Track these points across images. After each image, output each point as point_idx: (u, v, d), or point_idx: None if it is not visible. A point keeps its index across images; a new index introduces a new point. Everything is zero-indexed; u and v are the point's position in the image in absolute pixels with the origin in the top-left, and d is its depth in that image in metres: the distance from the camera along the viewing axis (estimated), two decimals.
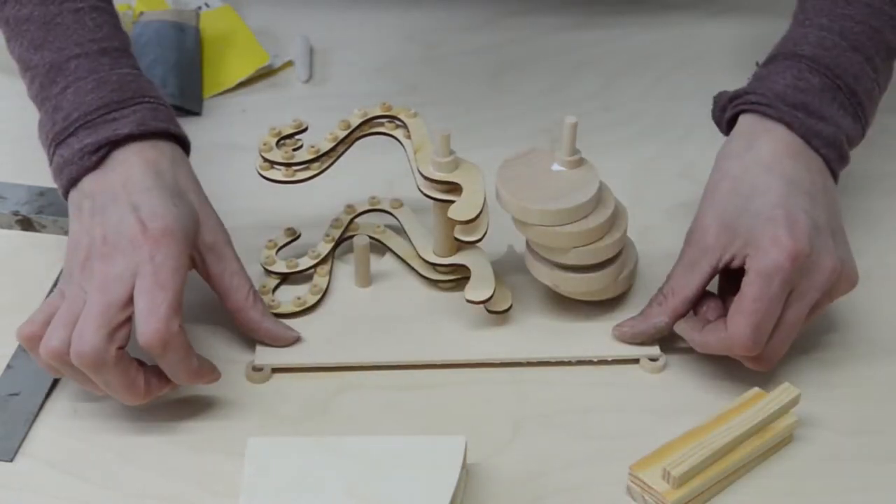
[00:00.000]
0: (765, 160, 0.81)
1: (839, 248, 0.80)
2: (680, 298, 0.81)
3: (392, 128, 0.87)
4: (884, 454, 0.78)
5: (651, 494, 0.74)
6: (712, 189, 0.82)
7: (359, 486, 0.72)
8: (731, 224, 0.79)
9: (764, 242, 0.77)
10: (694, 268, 0.81)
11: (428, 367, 0.83)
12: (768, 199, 0.79)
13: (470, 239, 0.83)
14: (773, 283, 0.76)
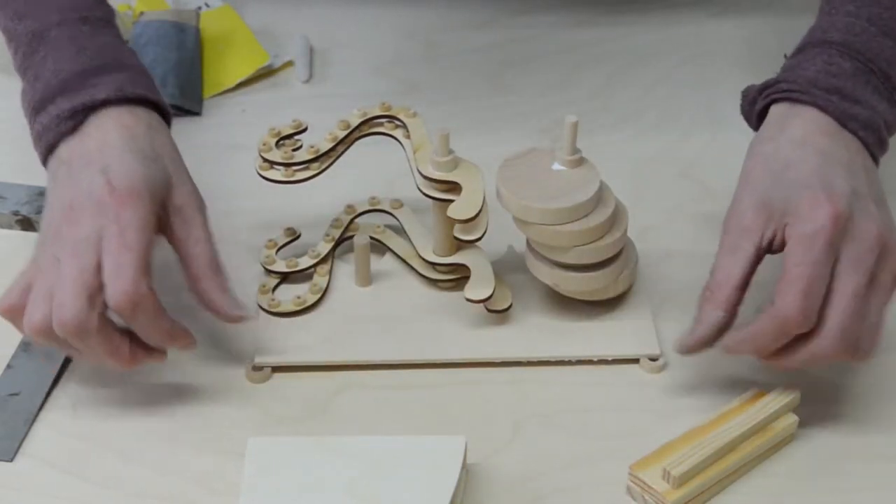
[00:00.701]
0: (797, 138, 0.78)
1: (884, 217, 0.76)
2: (729, 288, 0.77)
3: (391, 128, 0.87)
4: (884, 454, 0.78)
5: (651, 494, 0.74)
6: (746, 173, 0.79)
7: (359, 486, 0.72)
8: (766, 201, 0.76)
9: (802, 208, 0.74)
10: (736, 252, 0.77)
11: (428, 366, 0.83)
12: (803, 169, 0.76)
13: (469, 238, 0.83)
14: (816, 246, 0.73)
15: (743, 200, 0.78)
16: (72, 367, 0.83)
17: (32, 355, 0.83)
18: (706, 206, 0.95)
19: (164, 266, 0.90)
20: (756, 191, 0.77)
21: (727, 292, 0.77)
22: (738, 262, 0.76)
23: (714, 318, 0.77)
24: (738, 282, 0.76)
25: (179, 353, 0.84)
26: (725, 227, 0.79)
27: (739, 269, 0.76)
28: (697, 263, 0.89)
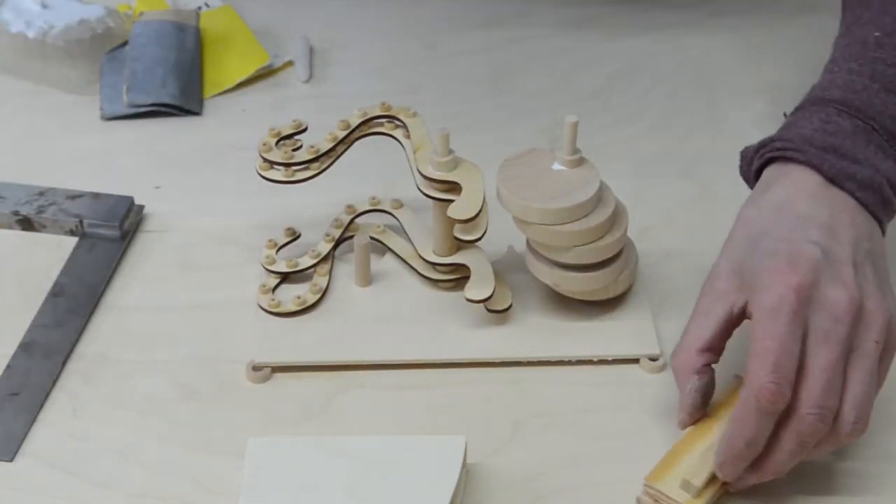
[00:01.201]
0: (777, 201, 0.76)
1: (862, 280, 0.72)
2: (693, 351, 0.74)
3: (391, 128, 0.87)
4: (884, 454, 0.78)
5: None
6: (729, 238, 0.77)
7: (359, 486, 0.72)
8: (739, 268, 0.75)
9: (764, 278, 0.72)
10: (707, 316, 0.74)
11: (428, 366, 0.83)
12: (775, 235, 0.74)
13: (469, 238, 0.82)
14: (780, 318, 0.70)
15: (720, 264, 0.76)
16: (72, 367, 0.83)
17: (32, 355, 0.83)
18: (706, 206, 0.95)
19: (164, 265, 0.91)
20: (732, 257, 0.76)
21: (692, 356, 0.74)
22: (707, 326, 0.74)
23: (690, 385, 0.75)
24: (703, 345, 0.74)
25: (181, 350, 0.84)
26: (702, 289, 0.77)
27: (707, 333, 0.74)
28: (697, 263, 0.89)
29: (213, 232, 0.93)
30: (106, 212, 0.92)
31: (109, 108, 1.04)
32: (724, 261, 0.76)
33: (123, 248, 0.91)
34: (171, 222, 0.94)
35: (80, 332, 0.85)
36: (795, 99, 0.84)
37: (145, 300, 0.88)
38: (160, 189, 0.97)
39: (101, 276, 0.89)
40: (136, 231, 0.93)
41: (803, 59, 1.09)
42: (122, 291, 0.88)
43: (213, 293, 0.88)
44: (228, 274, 0.89)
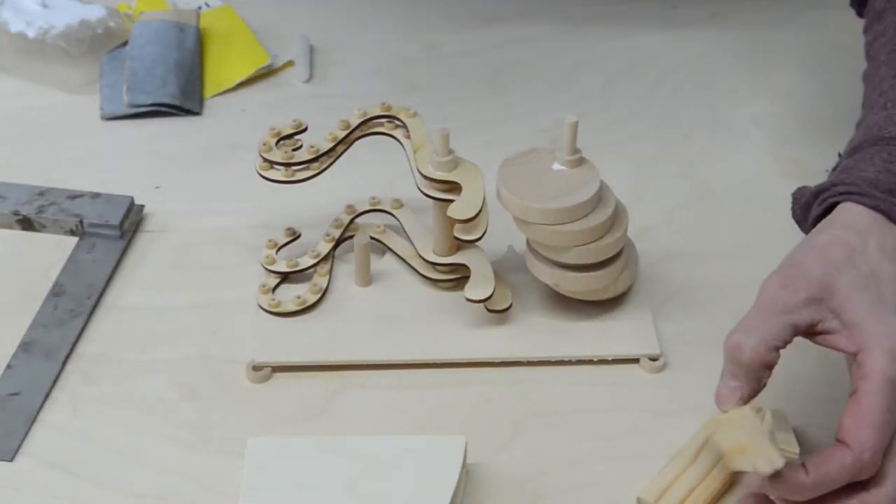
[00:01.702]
0: (887, 247, 0.70)
1: None
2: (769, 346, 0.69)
3: (391, 128, 0.87)
4: None
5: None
6: (823, 245, 0.70)
7: (359, 486, 0.72)
8: (841, 292, 0.68)
9: (891, 338, 0.66)
10: (791, 315, 0.69)
11: (428, 366, 0.83)
12: (891, 294, 0.68)
13: (469, 238, 0.83)
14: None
15: (813, 268, 0.69)
16: (72, 367, 0.83)
17: (32, 355, 0.83)
18: (706, 206, 0.95)
19: (164, 265, 0.91)
20: (832, 270, 0.69)
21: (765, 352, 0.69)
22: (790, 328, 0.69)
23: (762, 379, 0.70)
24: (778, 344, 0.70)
25: (181, 350, 0.84)
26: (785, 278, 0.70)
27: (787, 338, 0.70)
28: (697, 263, 0.89)
29: (213, 232, 0.93)
30: (106, 212, 0.92)
31: (109, 107, 1.04)
32: (818, 266, 0.69)
33: (123, 248, 0.91)
34: (171, 222, 0.94)
35: (80, 332, 0.85)
36: (796, 99, 0.84)
37: (145, 300, 0.88)
38: (160, 189, 0.97)
39: (101, 276, 0.89)
40: (136, 231, 0.93)
41: (803, 59, 1.09)
42: (122, 291, 0.88)
43: (213, 293, 0.88)
44: (228, 274, 0.89)
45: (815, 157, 0.99)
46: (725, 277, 0.89)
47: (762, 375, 0.70)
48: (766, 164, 0.98)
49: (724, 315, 0.86)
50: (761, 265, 0.90)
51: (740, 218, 0.94)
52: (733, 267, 0.90)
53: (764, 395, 0.81)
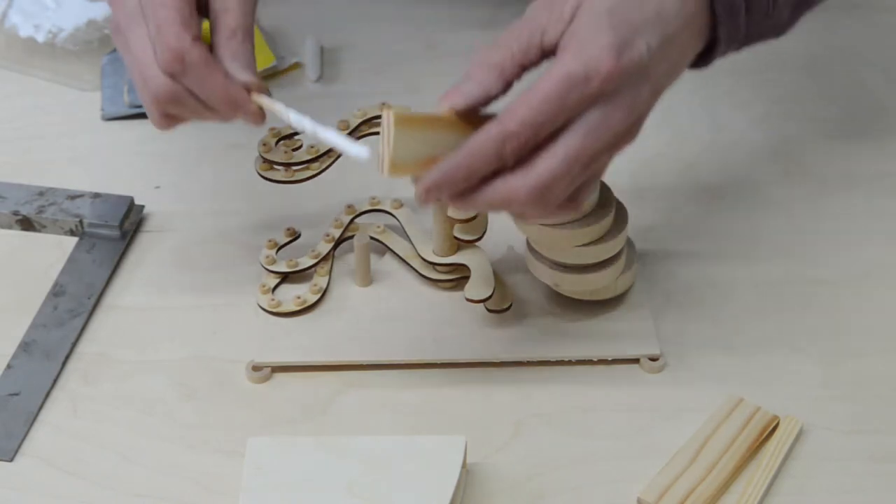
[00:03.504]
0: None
1: (647, 103, 0.72)
2: (520, 64, 0.71)
3: None
4: (884, 454, 0.78)
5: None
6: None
7: (359, 486, 0.72)
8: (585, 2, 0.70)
9: (590, 44, 0.69)
10: (545, 35, 0.71)
11: (428, 366, 0.83)
12: (629, 12, 0.70)
13: (469, 238, 0.83)
14: (574, 91, 0.68)
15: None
16: (72, 367, 0.83)
17: (32, 355, 0.83)
18: (706, 206, 0.95)
19: (164, 265, 0.91)
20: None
21: (518, 70, 0.71)
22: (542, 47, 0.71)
23: (494, 93, 0.71)
24: (531, 65, 0.71)
25: (181, 350, 0.84)
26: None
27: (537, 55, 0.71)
28: (697, 263, 0.89)
29: (213, 232, 0.93)
30: (106, 212, 0.92)
31: (110, 108, 1.04)
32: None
33: (123, 248, 0.91)
34: (171, 222, 0.94)
35: (80, 332, 0.85)
36: (795, 99, 0.84)
37: (145, 300, 0.88)
38: (160, 189, 0.97)
39: (101, 276, 0.89)
40: (136, 231, 0.93)
41: (803, 59, 1.09)
42: (122, 291, 0.88)
43: (213, 293, 0.88)
44: (228, 274, 0.89)
45: (815, 158, 0.99)
46: (725, 277, 0.89)
47: (496, 86, 0.71)
48: (766, 164, 0.98)
49: (724, 315, 0.86)
50: (761, 265, 0.90)
51: (740, 218, 0.94)
52: (733, 267, 0.90)
53: (764, 394, 0.81)
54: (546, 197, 0.70)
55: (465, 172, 0.69)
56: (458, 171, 0.69)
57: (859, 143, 1.00)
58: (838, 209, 0.95)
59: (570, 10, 0.71)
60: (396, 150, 0.70)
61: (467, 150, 0.69)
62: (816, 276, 0.89)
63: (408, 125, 0.70)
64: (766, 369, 0.83)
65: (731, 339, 0.85)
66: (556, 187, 0.70)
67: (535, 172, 0.69)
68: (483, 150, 0.69)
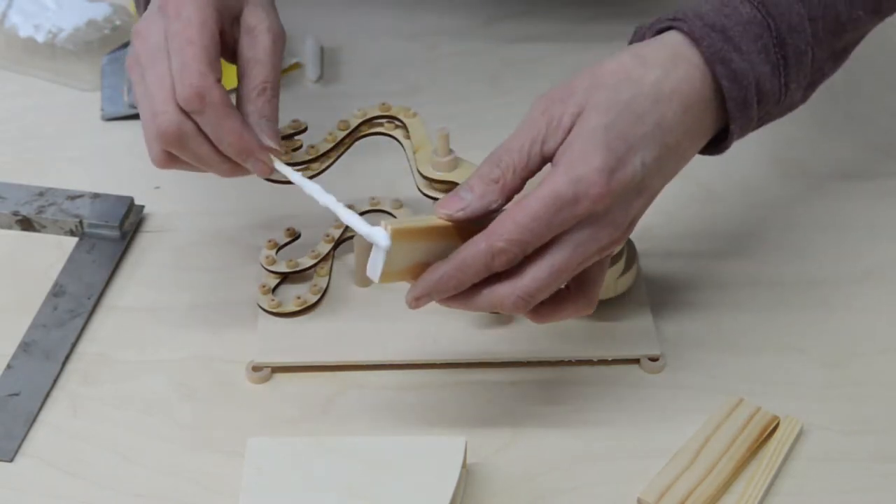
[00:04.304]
0: (663, 87, 0.72)
1: (639, 212, 0.73)
2: (521, 178, 0.72)
3: (391, 128, 0.87)
4: (884, 454, 0.78)
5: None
6: (602, 71, 0.72)
7: (359, 486, 0.72)
8: (587, 112, 0.71)
9: (578, 166, 0.69)
10: (544, 144, 0.71)
11: (428, 366, 0.83)
12: (627, 127, 0.70)
13: None
14: (562, 212, 0.69)
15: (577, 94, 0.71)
16: (72, 367, 0.83)
17: (32, 355, 0.83)
18: (706, 206, 0.95)
19: (164, 265, 0.91)
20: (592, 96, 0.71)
21: (518, 183, 0.72)
22: (541, 157, 0.72)
23: (494, 206, 0.72)
24: (531, 175, 0.72)
25: (181, 350, 0.84)
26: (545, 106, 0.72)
27: (537, 165, 0.72)
28: (697, 263, 0.89)
29: (213, 232, 0.93)
30: (106, 212, 0.92)
31: (110, 108, 1.04)
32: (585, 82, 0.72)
33: (123, 248, 0.91)
34: (171, 222, 0.94)
35: (80, 332, 0.85)
36: None
37: (145, 300, 0.88)
38: (160, 189, 0.97)
39: (101, 276, 0.89)
40: (136, 231, 0.93)
41: None
42: (122, 291, 0.88)
43: (213, 293, 0.88)
44: (228, 274, 0.89)
45: (815, 158, 0.99)
46: (725, 277, 0.89)
47: (496, 202, 0.72)
48: (766, 165, 0.98)
49: (724, 315, 0.86)
50: (761, 265, 0.90)
51: (740, 218, 0.94)
52: (733, 267, 0.90)
53: (764, 395, 0.81)
54: (532, 302, 0.72)
55: (454, 283, 0.71)
56: (448, 281, 0.71)
57: (859, 143, 1.01)
58: (838, 209, 0.95)
59: (570, 119, 0.71)
60: (388, 263, 0.72)
61: (457, 262, 0.71)
62: (816, 276, 0.89)
63: (403, 238, 0.71)
64: (766, 369, 0.83)
65: (730, 339, 0.85)
66: (542, 294, 0.72)
67: (521, 283, 0.71)
68: (472, 264, 0.70)
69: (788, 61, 0.75)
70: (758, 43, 0.74)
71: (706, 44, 0.73)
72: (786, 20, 0.74)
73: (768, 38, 0.74)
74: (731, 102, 0.73)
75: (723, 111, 0.74)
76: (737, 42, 0.73)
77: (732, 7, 0.74)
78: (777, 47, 0.74)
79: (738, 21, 0.74)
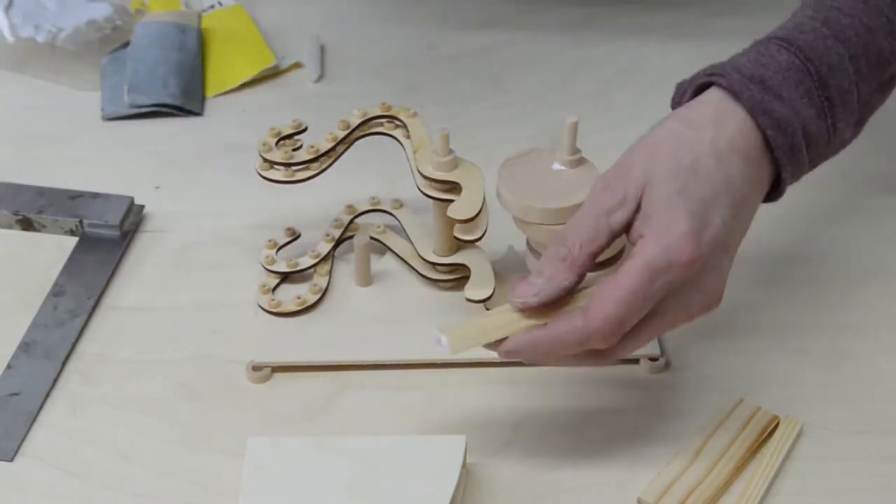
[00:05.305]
0: (719, 144, 0.72)
1: (727, 271, 0.73)
2: (588, 252, 0.71)
3: (391, 128, 0.87)
4: (884, 454, 0.78)
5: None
6: (654, 141, 0.73)
7: (359, 486, 0.72)
8: (654, 183, 0.71)
9: (669, 232, 0.69)
10: (609, 217, 0.71)
11: (428, 366, 0.83)
12: (699, 189, 0.70)
13: (469, 238, 0.82)
14: (655, 282, 0.68)
15: (637, 164, 0.72)
16: (72, 367, 0.83)
17: (32, 355, 0.83)
18: None
19: (164, 265, 0.91)
20: (653, 166, 0.71)
21: (584, 259, 0.71)
22: (608, 230, 0.71)
23: (566, 283, 0.71)
24: (599, 250, 0.71)
25: (181, 350, 0.84)
26: (606, 183, 0.72)
27: (605, 238, 0.71)
28: None
29: (213, 232, 0.93)
30: (106, 212, 0.92)
31: (110, 108, 1.04)
32: (642, 164, 0.72)
33: (123, 248, 0.91)
34: (171, 222, 0.94)
35: (80, 332, 0.85)
36: None
37: (145, 300, 0.88)
38: (160, 189, 0.97)
39: (101, 276, 0.89)
40: (136, 231, 0.93)
41: None
42: (122, 291, 0.88)
43: (213, 293, 0.88)
44: (228, 274, 0.89)
45: None
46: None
47: (567, 280, 0.71)
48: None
49: (724, 315, 0.86)
50: (761, 265, 0.90)
51: None
52: (733, 267, 0.89)
53: (764, 394, 0.81)
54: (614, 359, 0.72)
55: (543, 352, 0.71)
56: (538, 349, 0.71)
57: (859, 144, 1.00)
58: (838, 209, 0.95)
59: (634, 191, 0.71)
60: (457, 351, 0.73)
61: (551, 336, 0.71)
62: (816, 276, 0.89)
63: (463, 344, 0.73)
64: (766, 369, 0.83)
65: (731, 339, 0.85)
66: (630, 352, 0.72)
67: (612, 352, 0.71)
68: (566, 340, 0.70)
69: (833, 102, 0.75)
70: (800, 88, 0.74)
71: (746, 96, 0.73)
72: (825, 62, 0.74)
73: (810, 83, 0.74)
74: (779, 151, 0.73)
75: (775, 159, 0.74)
76: (777, 90, 0.73)
77: (770, 56, 0.74)
78: (820, 90, 0.74)
79: (777, 69, 0.74)
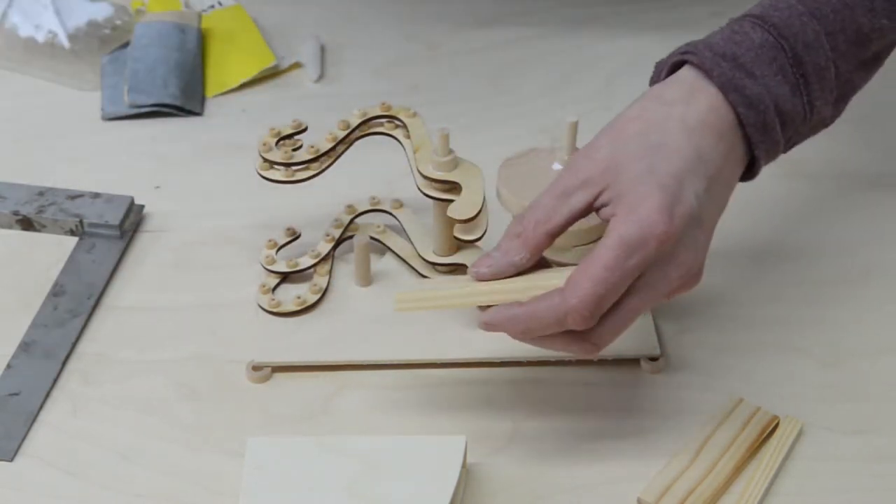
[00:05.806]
0: (689, 120, 0.72)
1: (703, 247, 0.73)
2: (543, 231, 0.72)
3: (391, 128, 0.87)
4: (884, 454, 0.78)
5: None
6: (624, 121, 0.74)
7: (359, 486, 0.72)
8: (622, 164, 0.71)
9: (639, 208, 0.69)
10: (568, 198, 0.72)
11: (428, 366, 0.83)
12: (669, 164, 0.70)
13: (469, 238, 0.82)
14: (631, 258, 0.69)
15: (603, 146, 0.72)
16: (72, 367, 0.83)
17: (32, 355, 0.83)
18: None
19: (164, 265, 0.91)
20: (619, 148, 0.72)
21: (539, 237, 0.72)
22: (564, 210, 0.72)
23: (518, 260, 0.73)
24: (556, 230, 0.73)
25: (181, 350, 0.84)
26: (571, 166, 0.73)
27: (562, 218, 0.72)
28: None
29: (213, 232, 0.93)
30: (106, 212, 0.92)
31: (110, 108, 1.04)
32: (607, 146, 0.72)
33: (123, 248, 0.91)
34: (171, 222, 0.94)
35: (80, 332, 0.85)
36: None
37: (145, 300, 0.88)
38: (160, 189, 0.97)
39: (101, 276, 0.89)
40: (136, 231, 0.93)
41: None
42: (122, 291, 0.88)
43: (213, 293, 0.88)
44: (228, 274, 0.89)
45: (815, 158, 0.98)
46: (725, 278, 0.89)
47: (519, 255, 0.73)
48: (767, 165, 0.98)
49: (724, 315, 0.86)
50: (761, 265, 0.90)
51: (739, 218, 0.94)
52: (733, 267, 0.90)
53: (764, 394, 0.81)
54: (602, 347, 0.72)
55: (521, 328, 0.72)
56: (517, 324, 0.72)
57: (858, 143, 1.01)
58: (838, 209, 0.95)
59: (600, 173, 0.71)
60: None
61: (528, 313, 0.71)
62: (816, 276, 0.89)
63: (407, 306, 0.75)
64: (766, 369, 0.83)
65: (730, 340, 0.85)
66: (613, 339, 0.72)
67: (595, 335, 0.71)
68: (544, 318, 0.71)
69: (809, 79, 0.74)
70: (773, 66, 0.74)
71: (717, 73, 0.73)
72: (800, 39, 0.74)
73: (784, 60, 0.74)
74: (751, 128, 0.73)
75: (748, 136, 0.74)
76: (749, 68, 0.73)
77: (743, 34, 0.74)
78: (794, 67, 0.74)
79: (750, 47, 0.74)
